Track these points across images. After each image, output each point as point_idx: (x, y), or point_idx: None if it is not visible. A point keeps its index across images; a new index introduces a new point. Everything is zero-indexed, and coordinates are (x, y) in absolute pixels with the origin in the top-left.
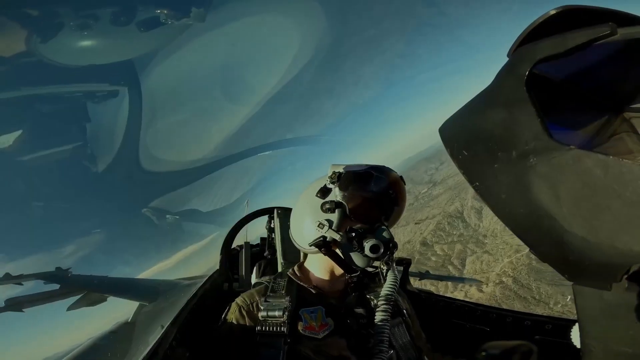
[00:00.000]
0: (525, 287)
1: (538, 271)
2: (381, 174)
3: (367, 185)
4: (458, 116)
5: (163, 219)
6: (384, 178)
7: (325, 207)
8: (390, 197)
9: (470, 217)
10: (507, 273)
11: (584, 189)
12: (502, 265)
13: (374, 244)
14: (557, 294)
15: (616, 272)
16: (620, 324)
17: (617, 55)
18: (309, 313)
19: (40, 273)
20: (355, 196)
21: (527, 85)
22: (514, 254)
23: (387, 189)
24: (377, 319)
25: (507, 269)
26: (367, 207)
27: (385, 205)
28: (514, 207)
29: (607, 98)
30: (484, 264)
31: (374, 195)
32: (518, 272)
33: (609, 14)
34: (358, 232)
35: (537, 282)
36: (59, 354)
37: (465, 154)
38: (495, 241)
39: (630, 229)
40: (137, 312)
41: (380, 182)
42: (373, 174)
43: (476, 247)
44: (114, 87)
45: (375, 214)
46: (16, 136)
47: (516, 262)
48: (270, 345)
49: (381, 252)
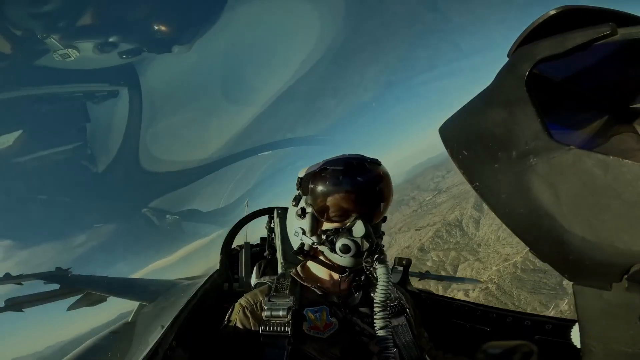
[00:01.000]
0: (507, 293)
1: (521, 280)
2: (336, 165)
3: (325, 183)
4: (458, 116)
5: (163, 219)
6: (339, 169)
7: (297, 214)
8: (352, 186)
9: (469, 226)
10: (493, 280)
11: (584, 188)
12: (489, 273)
13: (343, 243)
14: (534, 302)
15: (616, 272)
16: (620, 324)
17: (617, 55)
18: (313, 313)
19: (40, 273)
20: (317, 198)
21: (527, 85)
22: (502, 263)
23: (347, 179)
24: (377, 327)
25: (494, 276)
26: (332, 204)
27: (351, 196)
28: (514, 207)
29: (607, 98)
30: (474, 270)
31: (335, 191)
32: (503, 279)
33: (609, 14)
34: (329, 232)
35: (519, 290)
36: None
37: (465, 154)
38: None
39: (630, 229)
40: (137, 312)
41: (337, 175)
42: (327, 169)
43: (469, 255)
44: (114, 87)
45: (343, 209)
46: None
47: (503, 270)
48: (275, 346)
49: (355, 251)
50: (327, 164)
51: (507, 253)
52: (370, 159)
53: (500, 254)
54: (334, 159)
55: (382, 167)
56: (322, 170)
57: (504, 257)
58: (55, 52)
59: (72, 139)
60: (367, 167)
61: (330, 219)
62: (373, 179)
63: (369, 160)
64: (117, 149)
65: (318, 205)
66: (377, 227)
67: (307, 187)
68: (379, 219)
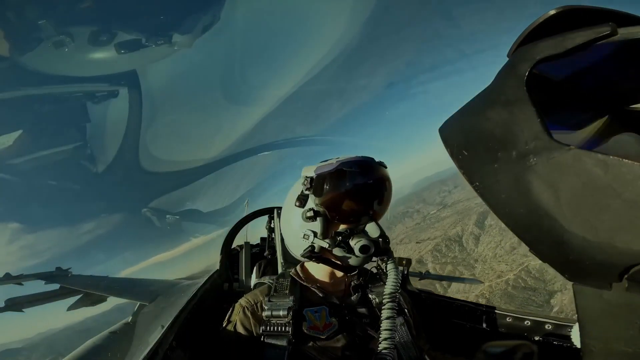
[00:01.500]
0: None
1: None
2: (353, 167)
3: (342, 184)
4: (458, 116)
5: (163, 219)
6: (356, 171)
7: (306, 217)
8: (369, 188)
9: (468, 242)
10: (484, 295)
11: (584, 188)
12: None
13: (363, 244)
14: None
15: (616, 272)
16: (620, 324)
17: (617, 55)
18: (313, 313)
19: (40, 273)
20: (332, 199)
21: (527, 85)
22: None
23: (364, 181)
24: (384, 317)
25: (485, 291)
26: (348, 206)
27: (367, 197)
28: (513, 207)
29: (607, 98)
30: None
31: (351, 192)
32: (493, 294)
33: (609, 14)
34: (344, 234)
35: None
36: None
37: (465, 154)
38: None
39: (630, 229)
40: (137, 312)
41: (354, 177)
42: (345, 170)
43: (465, 270)
44: (114, 87)
45: (359, 210)
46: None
47: (495, 286)
48: (275, 346)
49: (373, 251)
50: (344, 166)
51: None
52: (379, 161)
53: (495, 271)
54: (348, 161)
55: (386, 167)
56: (340, 172)
57: (497, 274)
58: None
59: (72, 139)
60: (380, 169)
61: (344, 220)
62: (387, 181)
63: (378, 161)
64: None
65: (334, 205)
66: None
67: (320, 188)
68: (381, 217)
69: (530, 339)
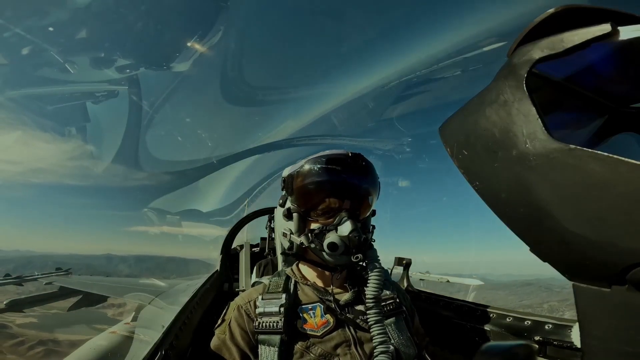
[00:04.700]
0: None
1: None
2: (316, 163)
3: (308, 181)
4: (458, 116)
5: (163, 219)
6: (319, 166)
7: (284, 215)
8: (333, 182)
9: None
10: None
11: (584, 188)
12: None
13: (330, 241)
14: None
15: (617, 272)
16: (620, 324)
17: (617, 55)
18: (308, 310)
19: (40, 274)
20: (302, 196)
21: (526, 85)
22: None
23: (330, 176)
24: (370, 322)
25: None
26: (317, 203)
27: (334, 192)
28: (513, 207)
29: (607, 98)
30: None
31: (318, 187)
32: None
33: (609, 14)
34: (316, 231)
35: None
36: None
37: (465, 153)
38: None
39: (630, 228)
40: (137, 312)
41: (317, 172)
42: (307, 167)
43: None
44: (114, 87)
45: (330, 206)
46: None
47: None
48: (269, 343)
49: (343, 249)
50: (307, 162)
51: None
52: (352, 153)
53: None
54: (313, 157)
55: (365, 159)
56: (302, 169)
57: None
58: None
59: (72, 139)
60: (348, 162)
61: (316, 217)
62: (355, 173)
63: (351, 154)
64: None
65: (302, 204)
66: (365, 222)
67: (290, 187)
68: (366, 213)
69: (530, 339)
